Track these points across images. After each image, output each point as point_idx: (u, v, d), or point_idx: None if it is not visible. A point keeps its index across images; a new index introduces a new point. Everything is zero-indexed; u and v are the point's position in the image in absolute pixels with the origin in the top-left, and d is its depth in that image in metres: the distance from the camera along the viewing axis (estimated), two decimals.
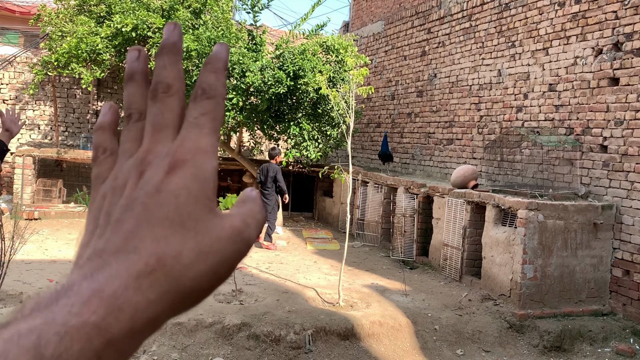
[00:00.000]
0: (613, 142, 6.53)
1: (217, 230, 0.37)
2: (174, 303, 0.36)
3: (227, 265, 0.38)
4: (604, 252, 6.45)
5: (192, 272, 0.36)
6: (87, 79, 10.01)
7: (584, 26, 6.99)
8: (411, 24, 10.88)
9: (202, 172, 0.38)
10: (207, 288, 0.37)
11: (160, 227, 0.36)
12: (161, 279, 0.35)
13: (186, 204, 0.37)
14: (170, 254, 0.36)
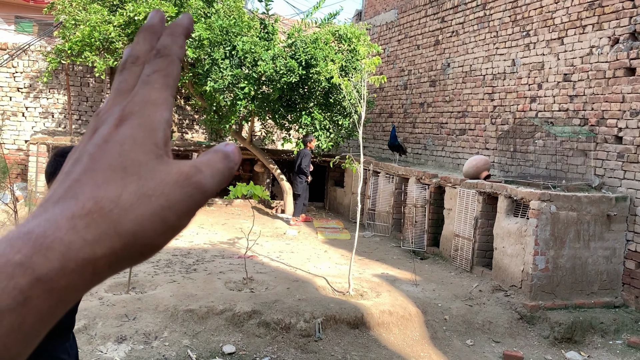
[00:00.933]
0: (628, 133, 6.45)
1: (162, 174, 0.37)
2: (115, 247, 0.35)
3: (175, 211, 0.37)
4: (617, 244, 6.40)
5: (132, 214, 0.35)
6: (100, 68, 10.05)
7: (600, 15, 6.88)
8: (425, 12, 10.78)
9: (149, 121, 0.39)
10: (153, 234, 0.36)
11: (102, 174, 0.36)
12: (98, 220, 0.35)
13: (130, 151, 0.37)
14: (109, 197, 0.35)
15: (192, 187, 0.38)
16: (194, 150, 11.62)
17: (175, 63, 0.41)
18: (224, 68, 9.17)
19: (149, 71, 0.41)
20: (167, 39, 0.42)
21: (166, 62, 0.41)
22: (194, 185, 0.38)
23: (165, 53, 0.41)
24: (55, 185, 0.38)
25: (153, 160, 0.38)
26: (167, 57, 0.41)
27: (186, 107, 13.45)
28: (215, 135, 13.22)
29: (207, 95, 9.97)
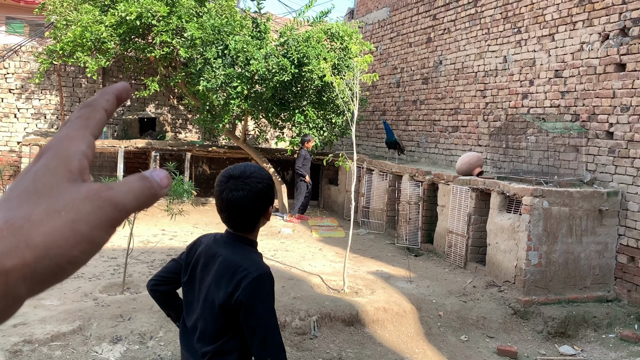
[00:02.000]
0: (619, 128, 6.50)
1: (73, 193, 0.40)
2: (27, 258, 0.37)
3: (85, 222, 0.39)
4: (609, 239, 6.45)
5: (42, 228, 0.38)
6: (92, 68, 10.02)
7: (590, 11, 6.92)
8: (416, 10, 10.81)
9: (63, 151, 0.42)
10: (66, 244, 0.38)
11: (16, 199, 0.39)
12: (7, 235, 0.37)
13: (43, 176, 0.40)
14: (19, 215, 0.38)
15: (102, 200, 0.40)
16: (187, 150, 11.61)
17: (98, 110, 0.45)
18: (217, 67, 9.17)
19: (72, 116, 0.45)
20: (97, 94, 0.47)
21: (89, 110, 0.45)
22: (103, 198, 0.40)
23: (91, 104, 0.46)
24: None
25: (65, 183, 0.40)
26: (91, 106, 0.45)
27: (179, 106, 13.43)
28: (208, 135, 13.20)
29: (200, 94, 9.96)
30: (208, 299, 2.02)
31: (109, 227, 0.40)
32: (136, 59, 11.46)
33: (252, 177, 1.96)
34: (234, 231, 2.08)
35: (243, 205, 1.97)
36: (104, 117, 0.46)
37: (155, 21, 9.77)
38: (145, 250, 7.57)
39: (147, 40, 10.76)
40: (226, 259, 2.01)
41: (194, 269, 2.12)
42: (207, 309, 2.02)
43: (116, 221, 0.41)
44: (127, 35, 10.20)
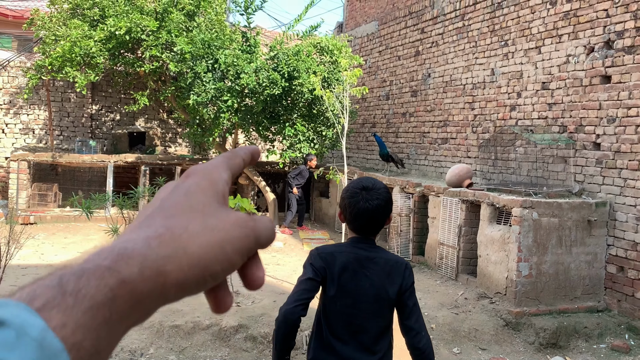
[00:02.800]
0: (606, 139, 6.57)
1: (223, 215, 0.44)
2: (183, 265, 0.40)
3: (232, 245, 0.43)
4: (598, 249, 6.50)
5: (198, 240, 0.41)
6: (81, 83, 10.00)
7: (575, 24, 7.03)
8: (405, 24, 10.91)
9: (210, 175, 0.47)
10: (215, 261, 0.42)
11: (171, 210, 0.43)
12: (169, 240, 0.41)
13: (195, 193, 0.45)
14: (178, 225, 0.42)
15: (249, 229, 0.44)
16: (177, 164, 11.57)
17: (237, 156, 0.51)
18: (207, 81, 9.18)
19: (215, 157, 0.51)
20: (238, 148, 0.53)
21: (231, 154, 0.51)
22: (250, 228, 0.44)
23: (232, 151, 0.52)
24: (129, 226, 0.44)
25: (215, 204, 0.45)
26: (233, 152, 0.52)
27: (169, 120, 13.41)
28: (198, 149, 13.18)
29: (190, 108, 9.96)
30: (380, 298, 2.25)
31: (246, 254, 0.44)
32: (126, 73, 11.45)
33: (382, 187, 2.24)
34: (367, 236, 2.29)
35: (379, 213, 2.22)
36: (241, 163, 0.51)
37: (145, 36, 9.79)
38: None
39: (137, 54, 10.77)
40: (385, 258, 2.29)
41: (343, 279, 2.25)
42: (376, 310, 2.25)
43: (251, 251, 0.45)
44: (116, 49, 10.20)
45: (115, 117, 13.08)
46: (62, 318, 0.35)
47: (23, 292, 0.37)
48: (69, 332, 0.35)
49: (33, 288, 0.37)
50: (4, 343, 0.32)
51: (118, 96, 12.95)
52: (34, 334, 0.33)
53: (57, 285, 0.37)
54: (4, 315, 0.33)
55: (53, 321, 0.35)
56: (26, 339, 0.33)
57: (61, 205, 11.22)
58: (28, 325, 0.33)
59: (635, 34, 6.24)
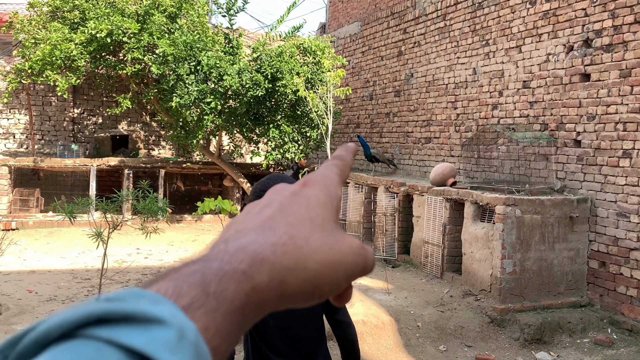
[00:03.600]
0: (586, 136, 6.67)
1: (340, 236, 0.44)
2: (300, 279, 0.40)
3: (344, 268, 0.42)
4: (580, 245, 6.58)
5: (317, 256, 0.41)
6: (62, 86, 9.90)
7: (555, 24, 7.12)
8: (387, 24, 10.97)
9: (328, 189, 0.46)
10: (326, 280, 0.41)
11: (292, 217, 0.42)
12: (292, 251, 0.40)
13: (315, 206, 0.44)
14: (300, 236, 0.41)
15: (361, 256, 0.44)
16: (161, 167, 11.50)
17: (347, 166, 0.51)
18: (190, 83, 9.14)
19: (329, 162, 0.50)
20: (342, 151, 0.53)
21: (342, 163, 0.51)
22: (362, 255, 0.44)
23: (344, 158, 0.51)
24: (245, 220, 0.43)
25: (332, 222, 0.44)
26: (343, 160, 0.51)
27: (152, 123, 13.32)
28: (182, 151, 13.12)
29: (173, 111, 9.91)
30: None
31: (352, 279, 0.44)
32: (107, 76, 11.36)
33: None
34: None
35: None
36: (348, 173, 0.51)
37: (126, 38, 9.71)
38: (120, 270, 7.45)
39: (119, 57, 10.68)
40: None
41: None
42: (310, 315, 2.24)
43: (357, 277, 0.44)
44: (97, 52, 10.12)
45: (98, 121, 12.95)
46: (206, 321, 0.35)
47: (166, 286, 0.35)
48: (210, 335, 0.35)
49: (177, 283, 0.36)
50: (166, 344, 0.31)
51: (100, 99, 12.83)
52: (191, 337, 0.32)
53: (200, 283, 0.36)
54: (163, 313, 0.32)
55: (198, 323, 0.34)
56: (185, 343, 0.31)
57: (43, 210, 11.09)
58: (186, 327, 0.32)
59: (613, 32, 6.34)
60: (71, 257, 8.34)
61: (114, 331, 0.30)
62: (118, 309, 0.31)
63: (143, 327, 0.31)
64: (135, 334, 0.31)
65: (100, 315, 0.31)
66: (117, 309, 0.31)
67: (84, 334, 0.30)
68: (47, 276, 7.20)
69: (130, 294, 0.33)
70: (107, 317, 0.31)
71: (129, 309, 0.31)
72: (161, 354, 0.30)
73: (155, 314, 0.32)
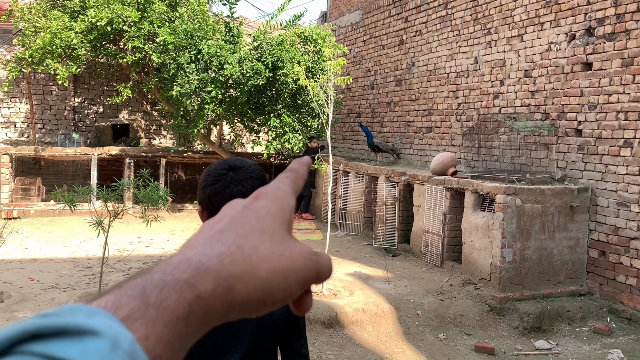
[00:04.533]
0: (587, 126, 6.65)
1: (290, 244, 0.44)
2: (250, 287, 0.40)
3: (295, 274, 0.43)
4: (580, 234, 6.59)
5: (267, 264, 0.42)
6: (62, 75, 9.88)
7: (557, 12, 7.08)
8: (388, 13, 10.91)
9: (280, 201, 0.47)
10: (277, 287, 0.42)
11: (242, 229, 0.43)
12: (240, 260, 0.41)
13: (265, 217, 0.45)
14: (249, 245, 0.42)
15: (312, 262, 0.45)
16: (162, 156, 11.50)
17: (301, 178, 0.52)
18: (190, 72, 9.12)
19: (282, 175, 0.52)
20: (296, 164, 0.54)
21: (295, 175, 0.52)
22: (314, 260, 0.45)
23: (295, 170, 0.52)
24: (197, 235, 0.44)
25: (283, 231, 0.45)
26: (296, 172, 0.52)
27: (153, 112, 13.31)
28: (183, 140, 13.11)
29: (174, 100, 9.89)
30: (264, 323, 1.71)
31: (305, 285, 0.44)
32: (108, 65, 11.33)
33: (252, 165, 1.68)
34: None
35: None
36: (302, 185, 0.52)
37: (127, 27, 9.68)
38: (121, 258, 7.48)
39: (119, 46, 10.65)
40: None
41: None
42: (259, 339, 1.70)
43: (310, 283, 0.45)
44: (98, 41, 10.08)
45: (99, 110, 12.94)
46: (145, 330, 0.35)
47: (106, 300, 0.36)
48: (151, 345, 0.35)
49: (117, 297, 0.37)
50: (99, 353, 0.31)
51: (101, 88, 12.81)
52: (125, 346, 0.33)
53: (139, 295, 0.37)
54: (97, 325, 0.33)
55: (137, 333, 0.35)
56: (119, 352, 0.32)
57: (45, 199, 11.12)
58: (121, 337, 0.33)
59: (616, 20, 6.30)
60: (73, 246, 8.37)
61: (48, 345, 0.31)
62: (52, 324, 0.32)
63: (77, 339, 0.32)
64: (69, 346, 0.31)
65: (34, 331, 0.32)
66: (51, 323, 0.32)
67: (19, 350, 0.31)
68: (48, 264, 7.24)
69: (66, 309, 0.34)
70: (42, 332, 0.32)
71: (62, 323, 0.32)
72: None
73: (89, 326, 0.32)
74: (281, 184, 0.50)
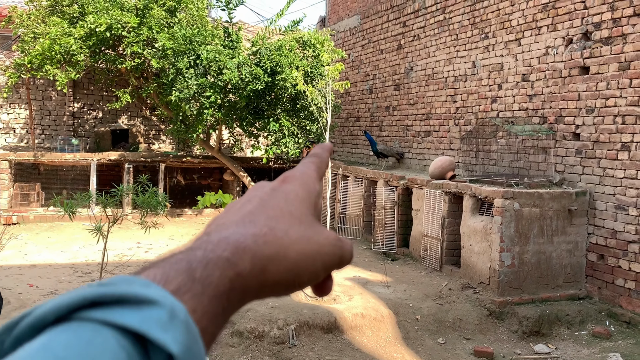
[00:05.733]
0: (585, 129, 6.67)
1: (318, 229, 0.46)
2: (281, 268, 0.42)
3: (322, 259, 0.44)
4: (579, 238, 6.60)
5: (296, 246, 0.43)
6: (62, 81, 9.90)
7: (554, 16, 7.11)
8: (387, 17, 10.94)
9: (307, 185, 0.49)
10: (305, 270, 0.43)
11: (272, 211, 0.45)
12: (272, 241, 0.42)
13: (294, 200, 0.46)
14: (280, 228, 0.43)
15: (337, 248, 0.46)
16: (161, 161, 11.52)
17: (325, 163, 0.54)
18: (189, 77, 9.14)
19: (307, 160, 0.53)
20: (319, 149, 0.56)
21: (319, 160, 0.53)
22: (339, 247, 0.46)
23: (319, 155, 0.54)
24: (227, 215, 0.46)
25: (311, 216, 0.47)
26: (320, 157, 0.54)
27: (152, 117, 13.33)
28: (182, 145, 13.13)
29: (173, 105, 9.91)
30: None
31: (329, 270, 0.46)
32: (107, 70, 11.35)
33: None
34: None
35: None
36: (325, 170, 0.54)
37: (126, 32, 9.71)
38: (121, 264, 7.49)
39: (118, 51, 10.68)
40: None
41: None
42: None
43: (334, 268, 0.46)
44: (97, 47, 10.11)
45: (98, 115, 12.96)
46: (193, 304, 0.37)
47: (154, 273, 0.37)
48: (198, 317, 0.36)
49: (165, 270, 0.38)
50: (159, 322, 0.32)
51: (100, 94, 12.83)
52: (181, 316, 0.34)
53: (186, 270, 0.38)
54: (154, 294, 0.34)
55: (186, 305, 0.36)
56: (176, 321, 0.33)
57: (44, 204, 11.12)
58: (177, 307, 0.34)
59: (612, 25, 6.33)
60: (72, 251, 8.38)
61: (107, 312, 0.32)
62: (111, 292, 0.33)
63: (135, 307, 0.33)
64: (129, 314, 0.32)
65: (93, 298, 0.33)
66: (109, 291, 0.33)
67: (79, 316, 0.32)
68: (47, 270, 7.24)
69: (121, 279, 0.35)
70: (101, 299, 0.33)
71: (121, 291, 0.33)
72: (155, 331, 0.32)
73: (147, 295, 0.33)
74: (307, 168, 0.51)
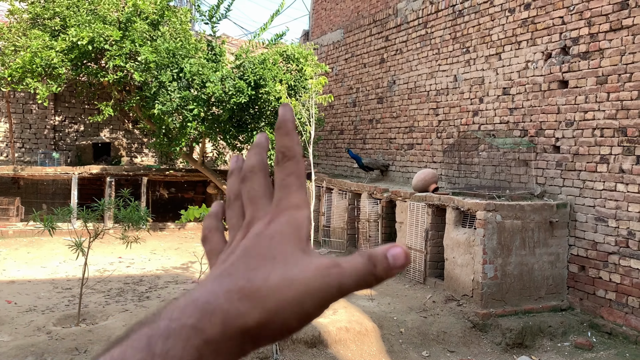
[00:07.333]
0: (565, 142, 6.77)
1: (305, 264, 0.42)
2: (262, 321, 0.40)
3: (312, 298, 0.40)
4: (560, 249, 6.67)
5: (277, 295, 0.40)
6: (42, 94, 9.80)
7: (533, 31, 7.23)
8: (369, 32, 11.04)
9: (294, 220, 0.44)
10: (292, 316, 0.40)
11: (254, 260, 0.42)
12: (249, 295, 0.40)
13: (279, 243, 0.43)
14: (259, 277, 0.41)
15: (331, 278, 0.41)
16: (144, 175, 11.42)
17: (301, 163, 0.46)
18: (172, 90, 9.11)
19: (283, 175, 0.46)
20: (286, 140, 0.46)
21: (294, 164, 0.46)
22: (333, 275, 0.41)
23: (291, 156, 0.46)
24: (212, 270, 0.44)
25: (298, 252, 0.43)
26: (293, 159, 0.46)
27: (134, 130, 13.24)
28: (165, 158, 13.04)
29: (156, 118, 9.86)
30: None
31: (327, 305, 0.42)
32: (89, 83, 11.28)
33: None
34: None
35: None
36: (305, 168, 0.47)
37: (108, 45, 9.66)
38: (102, 279, 7.38)
39: (100, 64, 10.62)
40: None
41: None
42: None
43: (333, 300, 0.42)
44: (79, 60, 10.04)
45: (79, 128, 12.84)
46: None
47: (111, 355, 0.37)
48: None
49: (122, 350, 0.37)
50: None
51: (82, 107, 12.73)
52: None
53: (145, 347, 0.37)
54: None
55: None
56: None
57: (24, 219, 10.95)
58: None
59: (590, 40, 6.46)
60: (52, 267, 8.24)
61: None
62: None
63: None
64: None
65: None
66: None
67: None
68: (27, 286, 7.11)
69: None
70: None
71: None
72: None
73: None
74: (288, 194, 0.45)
